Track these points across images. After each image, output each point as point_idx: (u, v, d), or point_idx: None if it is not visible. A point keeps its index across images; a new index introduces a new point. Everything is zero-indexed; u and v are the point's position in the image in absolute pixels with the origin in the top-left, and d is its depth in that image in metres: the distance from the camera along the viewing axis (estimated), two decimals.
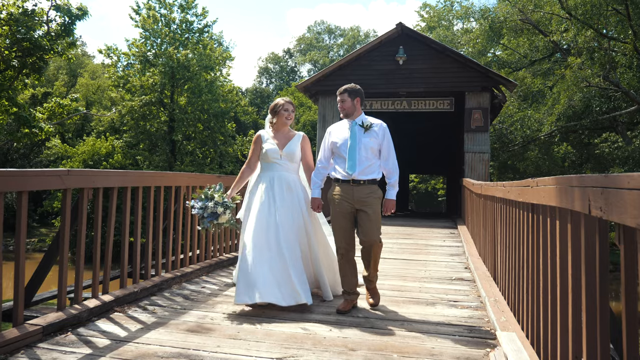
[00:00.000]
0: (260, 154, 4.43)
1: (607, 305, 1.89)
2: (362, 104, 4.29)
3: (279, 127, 4.45)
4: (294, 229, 4.20)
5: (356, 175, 4.05)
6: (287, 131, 4.49)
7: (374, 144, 4.11)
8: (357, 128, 4.14)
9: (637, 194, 1.42)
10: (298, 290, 3.95)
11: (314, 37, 55.68)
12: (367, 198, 4.04)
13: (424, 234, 10.50)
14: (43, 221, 30.14)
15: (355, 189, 4.06)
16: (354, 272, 4.18)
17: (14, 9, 13.99)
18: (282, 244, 4.07)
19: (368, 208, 4.04)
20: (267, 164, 4.39)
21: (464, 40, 26.63)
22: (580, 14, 19.43)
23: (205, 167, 24.75)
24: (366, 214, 4.04)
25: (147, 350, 3.08)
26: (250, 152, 4.50)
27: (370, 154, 4.09)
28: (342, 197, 4.10)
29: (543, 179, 2.69)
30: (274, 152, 4.35)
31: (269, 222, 4.14)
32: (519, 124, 23.58)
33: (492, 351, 3.17)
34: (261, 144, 4.42)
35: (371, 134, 4.13)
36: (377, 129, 4.17)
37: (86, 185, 3.88)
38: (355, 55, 14.41)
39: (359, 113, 4.25)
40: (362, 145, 4.09)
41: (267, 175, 4.36)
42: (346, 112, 4.22)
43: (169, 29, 25.50)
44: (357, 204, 4.06)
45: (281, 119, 4.42)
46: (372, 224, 4.04)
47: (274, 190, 4.26)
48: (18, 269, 3.24)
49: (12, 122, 15.42)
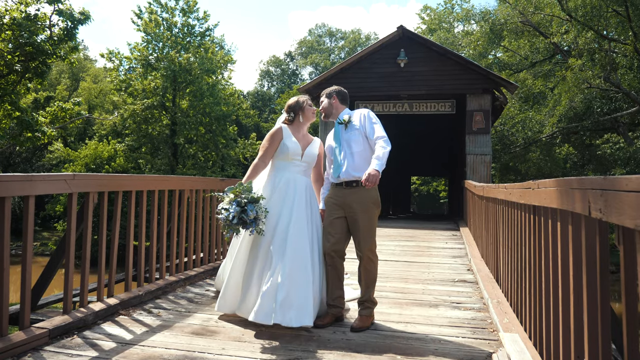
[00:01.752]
0: (278, 150, 3.96)
1: (608, 305, 1.92)
2: (343, 102, 4.06)
3: (302, 125, 4.10)
4: (311, 243, 3.81)
5: (342, 175, 3.80)
6: (306, 133, 4.15)
7: (357, 136, 3.82)
8: (339, 127, 3.94)
9: (635, 196, 1.45)
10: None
11: (315, 40, 55.78)
12: (357, 203, 3.73)
13: (426, 236, 10.52)
14: (45, 225, 30.23)
15: (346, 192, 3.81)
16: (337, 283, 3.86)
17: (17, 14, 14.05)
18: (307, 257, 3.71)
19: (358, 214, 3.75)
20: (284, 163, 3.97)
21: (465, 42, 26.66)
22: (580, 15, 19.46)
23: (207, 170, 24.81)
24: (355, 222, 3.77)
25: (153, 353, 3.11)
26: (266, 146, 3.97)
27: (355, 150, 3.80)
28: (333, 201, 3.88)
29: (544, 181, 2.72)
30: (296, 150, 3.95)
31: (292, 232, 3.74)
32: (520, 125, 23.60)
33: (495, 352, 3.19)
34: (281, 138, 3.96)
35: (351, 128, 3.86)
36: (356, 119, 3.89)
37: (92, 189, 3.92)
38: (356, 58, 14.46)
39: (339, 111, 4.02)
40: (344, 143, 3.86)
41: (282, 176, 3.91)
42: (324, 113, 4.06)
43: (170, 32, 25.59)
44: (347, 209, 3.80)
45: (308, 114, 4.07)
46: (360, 234, 3.75)
47: (295, 196, 3.85)
48: (25, 273, 3.27)
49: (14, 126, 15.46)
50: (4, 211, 3.07)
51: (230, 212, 3.56)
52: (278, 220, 3.78)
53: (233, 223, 3.55)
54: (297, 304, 3.54)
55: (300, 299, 3.56)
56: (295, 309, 3.53)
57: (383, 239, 9.76)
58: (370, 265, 3.79)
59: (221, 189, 6.34)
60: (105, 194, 4.16)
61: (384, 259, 7.12)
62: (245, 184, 3.70)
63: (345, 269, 4.01)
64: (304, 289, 3.61)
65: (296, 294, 3.56)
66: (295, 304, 3.54)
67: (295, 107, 4.07)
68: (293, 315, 3.52)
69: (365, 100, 14.80)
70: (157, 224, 5.01)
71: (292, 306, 3.53)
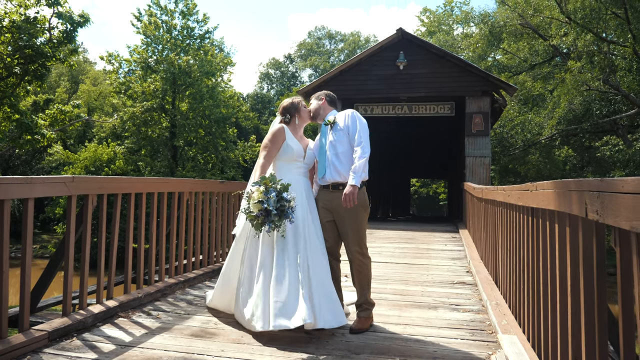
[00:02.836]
0: (281, 151, 3.86)
1: (605, 307, 1.93)
2: (332, 104, 4.04)
3: (298, 127, 4.04)
4: (320, 246, 3.77)
5: (327, 176, 3.78)
6: (302, 134, 4.11)
7: (341, 137, 3.77)
8: (325, 128, 3.91)
9: (630, 198, 1.46)
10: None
11: (315, 42, 55.84)
12: (344, 207, 3.64)
13: (426, 238, 10.52)
14: (45, 227, 30.20)
15: (333, 195, 3.79)
16: (335, 285, 3.79)
17: (17, 17, 14.07)
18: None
19: (345, 218, 3.73)
20: (286, 164, 3.89)
21: (464, 44, 26.69)
22: (579, 18, 19.49)
23: (206, 172, 24.81)
24: (343, 225, 3.77)
25: (152, 355, 3.12)
26: (269, 146, 3.84)
27: (340, 150, 3.76)
28: (322, 204, 3.87)
29: (542, 183, 2.73)
30: (300, 151, 3.89)
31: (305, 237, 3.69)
32: (519, 127, 23.63)
33: (494, 354, 3.20)
34: (285, 139, 3.86)
35: (336, 129, 3.82)
36: (340, 119, 3.84)
37: (91, 191, 3.92)
38: (355, 61, 14.48)
39: (327, 112, 3.99)
40: (329, 144, 3.82)
41: (286, 177, 3.78)
42: (312, 115, 4.03)
43: (170, 35, 25.60)
44: (335, 212, 3.79)
45: (303, 115, 4.03)
46: (349, 237, 3.75)
47: (299, 199, 3.74)
48: (24, 275, 3.28)
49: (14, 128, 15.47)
50: (3, 214, 3.08)
51: (268, 202, 3.37)
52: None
53: (272, 214, 3.37)
54: (326, 305, 3.53)
55: (328, 300, 3.56)
56: (327, 310, 3.52)
57: (383, 241, 9.76)
58: (361, 267, 3.79)
59: (221, 191, 6.35)
60: (104, 197, 4.17)
61: (384, 261, 7.13)
62: (268, 175, 3.59)
63: (344, 271, 4.01)
64: (329, 289, 3.62)
65: (323, 295, 3.57)
66: (325, 306, 3.53)
67: (290, 108, 4.00)
68: (329, 317, 3.51)
69: (365, 103, 14.82)
70: (157, 226, 5.01)
71: (323, 308, 3.51)
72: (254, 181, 3.63)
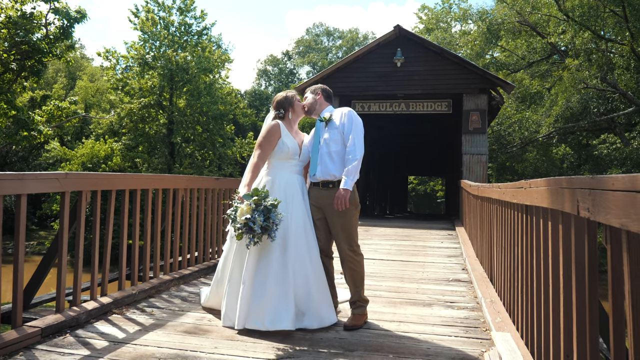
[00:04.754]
0: (276, 149, 3.77)
1: (596, 304, 1.93)
2: (328, 99, 3.98)
3: (292, 122, 3.94)
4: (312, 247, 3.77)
5: (318, 174, 3.74)
6: (297, 129, 4.01)
7: (335, 135, 3.71)
8: (319, 124, 3.85)
9: (621, 195, 1.46)
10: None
11: (313, 39, 55.74)
12: (332, 204, 3.63)
13: (422, 235, 10.53)
14: (42, 224, 30.17)
15: (323, 193, 3.76)
16: (329, 282, 3.85)
17: (13, 12, 14.00)
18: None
19: (335, 216, 3.71)
20: (281, 162, 3.81)
21: (462, 42, 26.67)
22: (577, 15, 19.51)
23: (204, 169, 24.77)
24: (333, 223, 3.76)
25: (145, 351, 3.11)
26: (264, 144, 3.75)
27: (333, 149, 3.71)
28: (312, 202, 3.84)
29: (535, 180, 2.72)
30: (295, 149, 3.81)
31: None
32: (517, 125, 23.65)
33: (487, 351, 3.20)
34: (280, 136, 3.76)
35: (331, 126, 3.76)
36: (336, 117, 3.78)
37: (84, 188, 3.91)
38: (353, 58, 14.45)
39: (322, 108, 3.93)
40: (323, 142, 3.75)
41: (282, 176, 3.76)
42: (307, 109, 3.95)
43: (167, 31, 25.51)
44: (326, 210, 3.78)
45: (297, 109, 3.92)
46: (340, 235, 3.74)
47: (294, 199, 3.73)
48: (17, 271, 3.27)
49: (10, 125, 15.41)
50: None
51: (254, 221, 3.36)
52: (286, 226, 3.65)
53: (257, 233, 3.38)
54: (314, 306, 3.64)
55: (315, 303, 3.66)
56: (314, 310, 3.65)
57: (379, 238, 9.77)
58: (353, 264, 3.77)
59: (216, 188, 6.33)
60: (98, 193, 4.16)
61: (380, 258, 7.13)
62: (261, 190, 3.54)
63: (338, 268, 4.00)
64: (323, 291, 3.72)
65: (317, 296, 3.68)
66: (313, 307, 3.64)
67: (284, 103, 3.91)
68: (315, 320, 3.64)
69: (362, 100, 14.80)
70: (151, 222, 5.00)
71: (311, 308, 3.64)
72: (245, 193, 3.57)
